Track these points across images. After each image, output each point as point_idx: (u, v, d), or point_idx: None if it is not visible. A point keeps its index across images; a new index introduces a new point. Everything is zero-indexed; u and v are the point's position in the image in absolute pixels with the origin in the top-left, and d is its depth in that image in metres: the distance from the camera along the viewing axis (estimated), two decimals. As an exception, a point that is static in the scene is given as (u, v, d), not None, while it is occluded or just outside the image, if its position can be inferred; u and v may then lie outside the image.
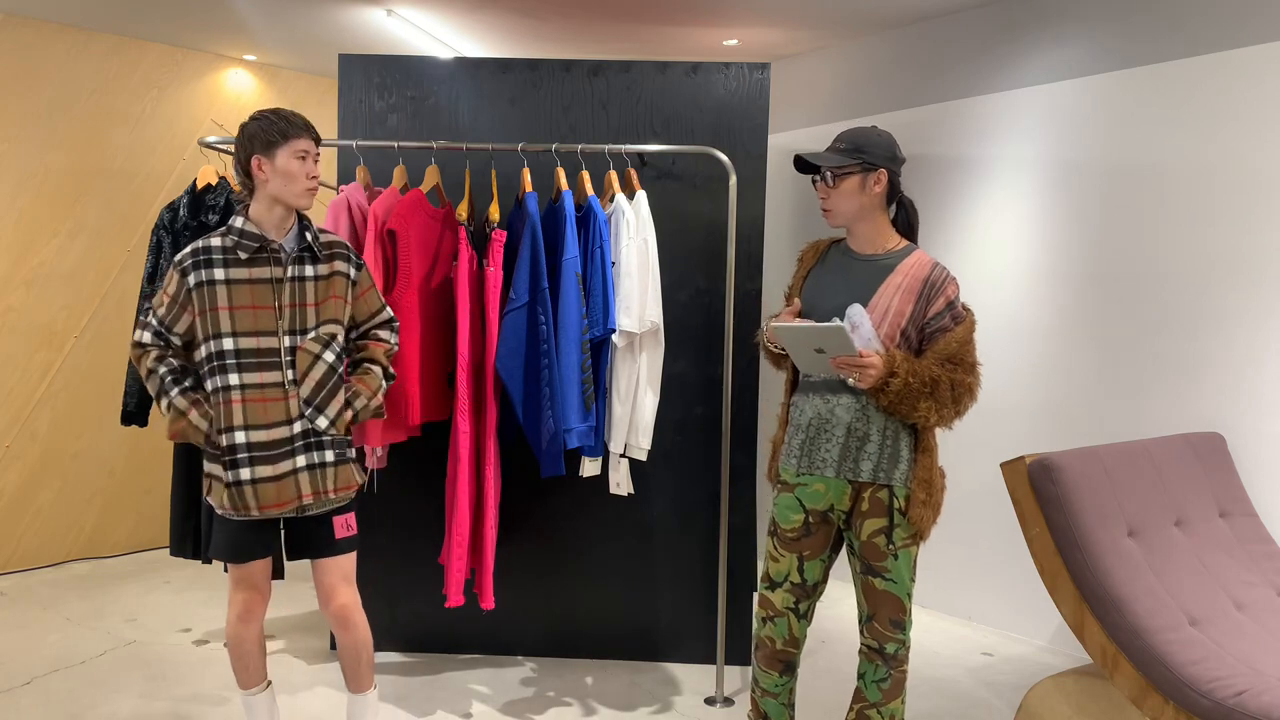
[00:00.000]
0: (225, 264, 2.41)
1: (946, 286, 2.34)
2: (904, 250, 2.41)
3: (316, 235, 2.52)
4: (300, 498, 2.44)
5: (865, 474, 2.35)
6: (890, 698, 2.44)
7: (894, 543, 2.36)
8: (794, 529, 2.43)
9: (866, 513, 2.38)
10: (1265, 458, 3.20)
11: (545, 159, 3.30)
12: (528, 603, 3.60)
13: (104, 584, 4.38)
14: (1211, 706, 2.31)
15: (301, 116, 2.47)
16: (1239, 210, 3.28)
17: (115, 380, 4.70)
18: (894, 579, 2.38)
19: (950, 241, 4.16)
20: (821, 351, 2.23)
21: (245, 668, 2.59)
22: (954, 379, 2.29)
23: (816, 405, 2.39)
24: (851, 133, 2.40)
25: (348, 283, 2.55)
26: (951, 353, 2.31)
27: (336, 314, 2.52)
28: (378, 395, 2.58)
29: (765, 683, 2.54)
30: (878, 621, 2.40)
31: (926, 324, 2.34)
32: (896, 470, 2.35)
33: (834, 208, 2.40)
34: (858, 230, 2.43)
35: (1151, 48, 3.51)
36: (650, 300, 3.05)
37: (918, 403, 2.26)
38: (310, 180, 2.44)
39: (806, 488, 2.41)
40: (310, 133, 2.46)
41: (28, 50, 4.42)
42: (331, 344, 2.50)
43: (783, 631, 2.47)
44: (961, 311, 2.36)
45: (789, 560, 2.44)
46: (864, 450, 2.35)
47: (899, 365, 2.25)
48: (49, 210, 4.52)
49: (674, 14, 4.22)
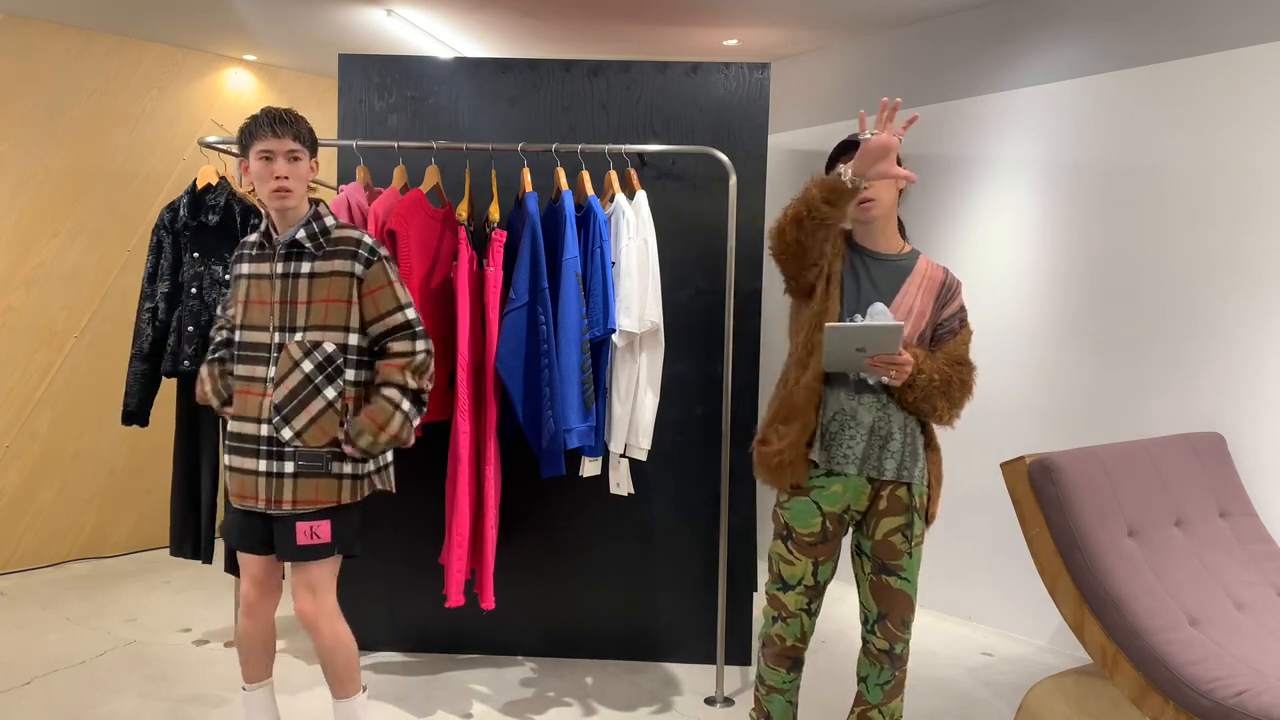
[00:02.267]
0: (248, 259, 2.52)
1: (958, 292, 2.44)
2: (913, 253, 2.45)
3: (324, 230, 2.45)
4: (258, 499, 2.43)
5: (889, 472, 2.35)
6: (891, 697, 2.44)
7: (911, 541, 2.37)
8: (812, 534, 2.38)
9: (884, 511, 2.37)
10: (1265, 458, 3.20)
11: (545, 159, 3.30)
12: (528, 603, 3.60)
13: (104, 584, 4.38)
14: (1211, 706, 2.31)
15: (279, 115, 2.40)
16: (1239, 210, 3.28)
17: (115, 380, 4.69)
18: (908, 577, 2.38)
19: (950, 241, 4.16)
20: (862, 350, 2.22)
21: (244, 661, 2.59)
22: (961, 378, 2.36)
23: (842, 400, 2.35)
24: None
25: (351, 282, 2.42)
26: (960, 354, 2.38)
27: (331, 319, 2.42)
28: (389, 428, 2.41)
29: (772, 680, 2.53)
30: (890, 621, 2.39)
31: (940, 325, 2.41)
32: (916, 467, 2.37)
33: (879, 196, 2.33)
34: (880, 228, 2.41)
35: (1151, 48, 3.51)
36: (650, 300, 3.05)
37: (936, 400, 2.32)
38: (275, 181, 2.38)
39: (824, 490, 2.36)
40: (277, 131, 2.38)
41: (28, 50, 4.42)
42: (314, 352, 2.40)
43: (795, 631, 2.45)
44: (966, 315, 2.46)
45: (804, 565, 2.40)
46: (887, 449, 2.35)
47: (923, 363, 2.30)
48: (49, 210, 4.52)
49: (674, 14, 4.22)
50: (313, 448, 2.41)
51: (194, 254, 3.36)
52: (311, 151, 2.47)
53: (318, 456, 2.41)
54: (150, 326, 3.38)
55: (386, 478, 2.60)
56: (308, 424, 2.40)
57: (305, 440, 2.40)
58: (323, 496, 2.43)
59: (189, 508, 3.49)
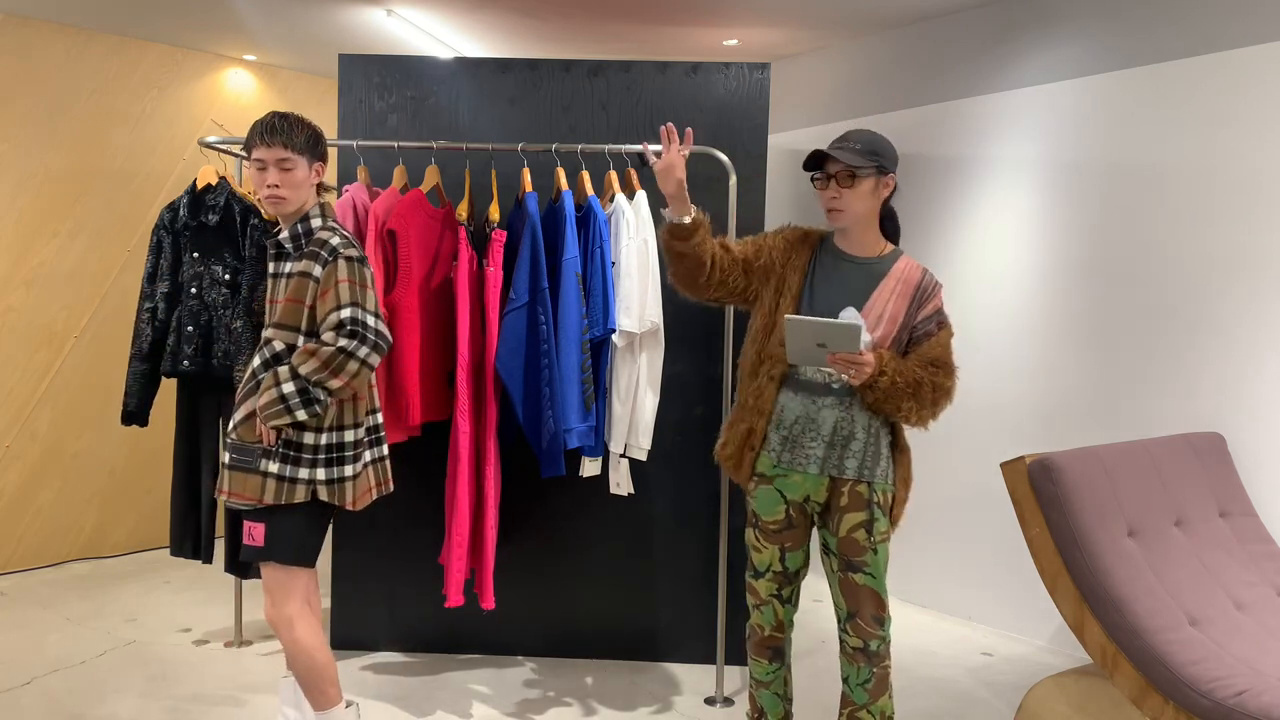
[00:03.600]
0: (269, 259, 2.60)
1: (936, 293, 2.44)
2: (893, 254, 2.45)
3: (307, 232, 2.46)
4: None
5: (850, 471, 2.38)
6: (877, 696, 2.45)
7: (874, 536, 2.38)
8: (776, 521, 2.45)
9: (845, 507, 2.39)
10: (1265, 458, 3.20)
11: (545, 159, 3.30)
12: (528, 603, 3.60)
13: (104, 584, 4.38)
14: (1211, 706, 2.31)
15: (272, 123, 2.41)
16: (1239, 210, 3.28)
17: (115, 380, 4.69)
18: (873, 573, 2.40)
19: (950, 241, 4.16)
20: (823, 346, 2.24)
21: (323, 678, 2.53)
22: (935, 381, 2.36)
23: (802, 404, 2.40)
24: (860, 134, 2.40)
25: (311, 283, 2.40)
26: (935, 356, 2.38)
27: (287, 318, 2.42)
28: (260, 400, 2.36)
29: (757, 672, 2.58)
30: (860, 619, 2.41)
31: (915, 327, 2.41)
32: (878, 468, 2.40)
33: (847, 207, 2.38)
34: (856, 233, 2.44)
35: (1151, 48, 3.51)
36: (650, 300, 3.05)
37: (901, 402, 2.33)
38: (266, 190, 2.41)
39: (785, 478, 2.42)
40: (268, 140, 2.38)
41: (28, 50, 4.42)
42: (263, 349, 2.45)
43: (769, 618, 2.50)
44: (945, 318, 2.44)
45: (771, 551, 2.46)
46: (849, 449, 2.38)
47: (887, 364, 2.31)
48: (49, 210, 4.52)
49: (674, 14, 4.22)
50: (245, 441, 2.43)
51: (194, 254, 3.36)
52: (312, 156, 2.47)
53: (247, 450, 2.42)
54: (150, 326, 3.38)
55: (337, 491, 2.45)
56: (244, 418, 2.44)
57: (240, 434, 2.44)
58: (248, 492, 2.41)
59: (189, 508, 3.49)
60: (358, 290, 2.39)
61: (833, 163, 2.36)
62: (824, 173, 2.40)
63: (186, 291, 3.34)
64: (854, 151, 2.37)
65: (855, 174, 2.35)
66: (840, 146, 2.39)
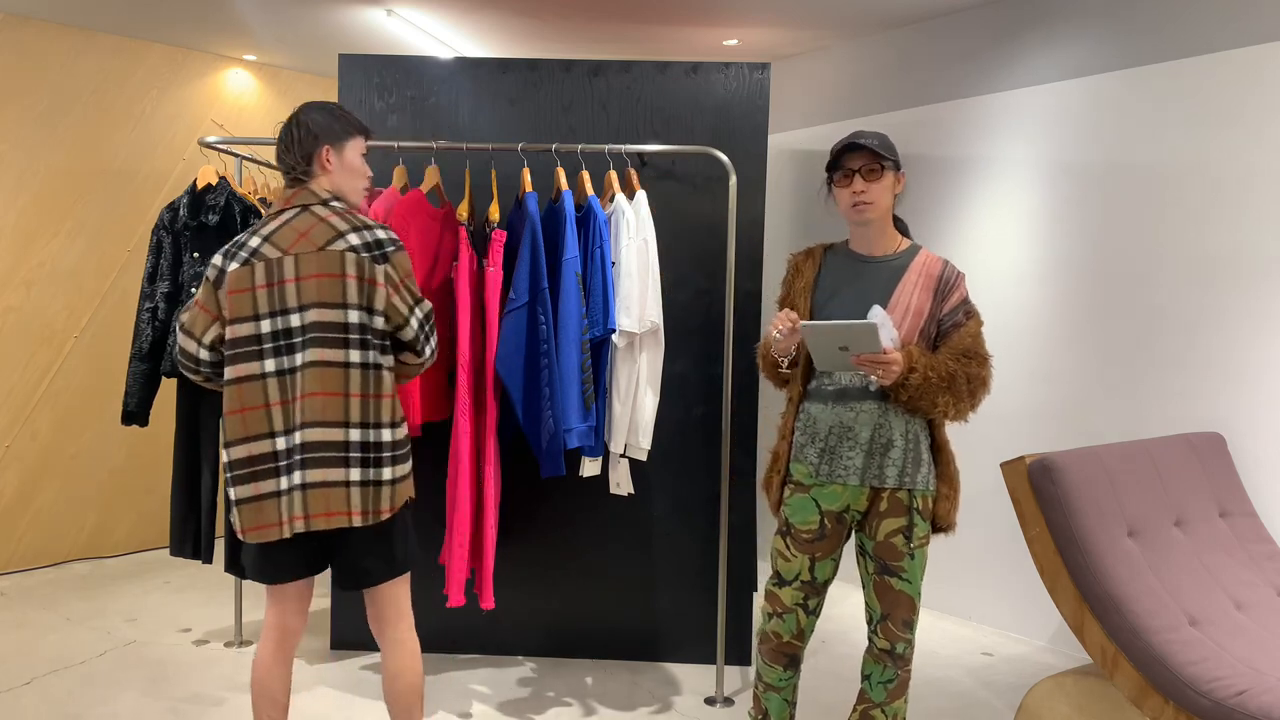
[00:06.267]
0: None
1: (959, 284, 2.41)
2: (911, 249, 2.44)
3: None
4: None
5: (890, 480, 2.36)
6: (895, 697, 2.45)
7: (912, 542, 2.37)
8: (810, 530, 2.41)
9: (885, 512, 2.37)
10: (1265, 458, 3.20)
11: (545, 159, 3.30)
12: (528, 603, 3.60)
13: (104, 584, 4.38)
14: (1211, 706, 2.31)
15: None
16: (1239, 210, 3.28)
17: (115, 380, 4.69)
18: (909, 579, 2.38)
19: (950, 242, 4.16)
20: (845, 349, 2.23)
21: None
22: (969, 372, 2.32)
23: (837, 414, 2.37)
24: (871, 133, 2.39)
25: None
26: (966, 347, 2.35)
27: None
28: None
29: (769, 677, 2.54)
30: (892, 622, 2.39)
31: (942, 320, 2.39)
32: (919, 473, 2.37)
33: (876, 200, 2.36)
34: (876, 230, 2.42)
35: (1151, 48, 3.51)
36: (650, 300, 3.05)
37: (936, 397, 2.29)
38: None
39: (823, 489, 2.39)
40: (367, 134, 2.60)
41: (28, 50, 4.42)
42: None
43: (790, 627, 2.46)
44: (972, 307, 2.41)
45: (801, 560, 2.42)
46: (888, 457, 2.35)
47: (917, 361, 2.28)
48: (49, 210, 4.52)
49: (674, 14, 4.22)
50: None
51: (194, 254, 3.36)
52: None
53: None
54: (150, 326, 3.38)
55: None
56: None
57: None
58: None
59: (189, 508, 3.49)
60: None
61: (857, 157, 2.35)
62: (846, 169, 2.38)
63: (187, 291, 3.34)
64: (878, 145, 2.36)
65: (882, 167, 2.35)
66: (862, 142, 2.37)
